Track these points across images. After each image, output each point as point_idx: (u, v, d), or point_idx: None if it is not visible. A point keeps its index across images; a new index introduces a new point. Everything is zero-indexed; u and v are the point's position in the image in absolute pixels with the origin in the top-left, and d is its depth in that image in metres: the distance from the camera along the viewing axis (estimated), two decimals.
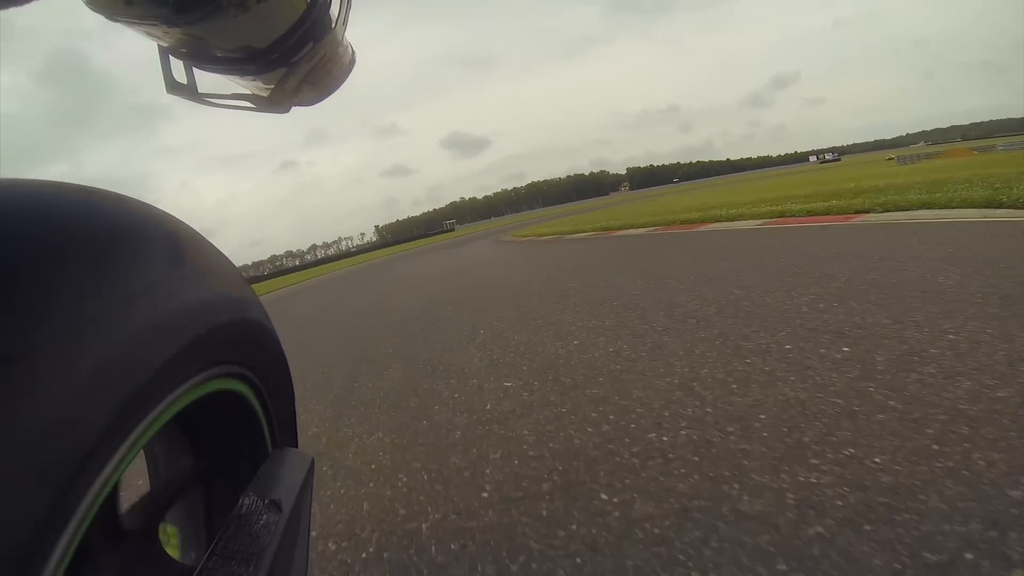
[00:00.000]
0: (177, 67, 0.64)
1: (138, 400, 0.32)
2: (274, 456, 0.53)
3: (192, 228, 0.46)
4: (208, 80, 0.69)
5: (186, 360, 0.37)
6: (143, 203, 0.41)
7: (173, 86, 0.64)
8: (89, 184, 0.39)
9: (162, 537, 0.47)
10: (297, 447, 0.62)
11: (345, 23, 0.85)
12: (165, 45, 0.62)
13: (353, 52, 0.97)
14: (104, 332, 0.30)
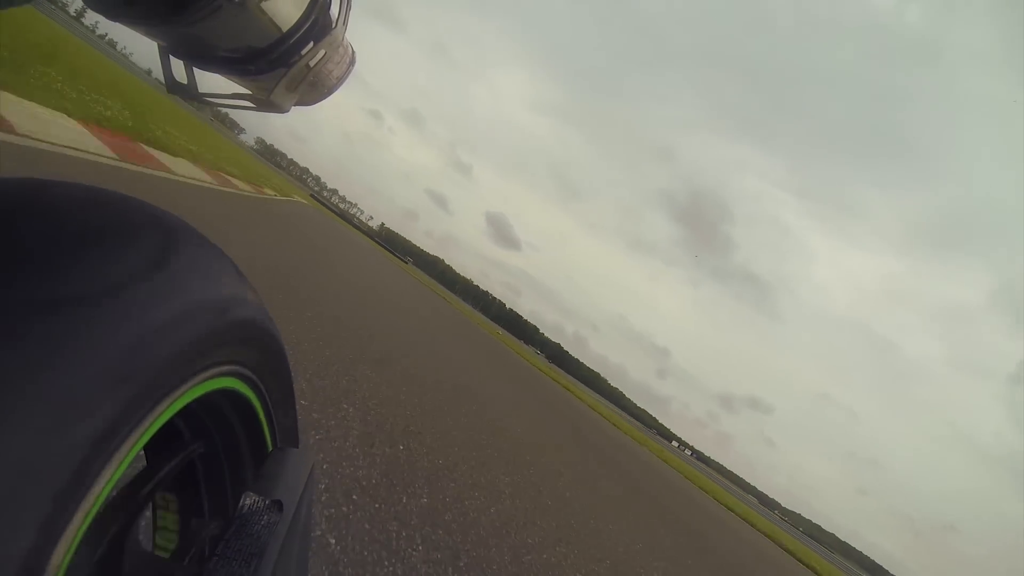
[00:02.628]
0: (177, 67, 0.64)
1: (138, 400, 0.32)
2: (275, 456, 0.53)
3: (193, 227, 0.45)
4: (208, 80, 0.69)
5: (187, 360, 0.37)
6: (144, 202, 0.41)
7: (173, 86, 0.64)
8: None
9: (163, 537, 0.46)
10: (298, 447, 0.62)
11: (345, 23, 0.86)
12: (165, 45, 0.62)
13: (353, 52, 0.97)
14: (104, 332, 0.30)
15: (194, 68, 0.66)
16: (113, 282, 0.32)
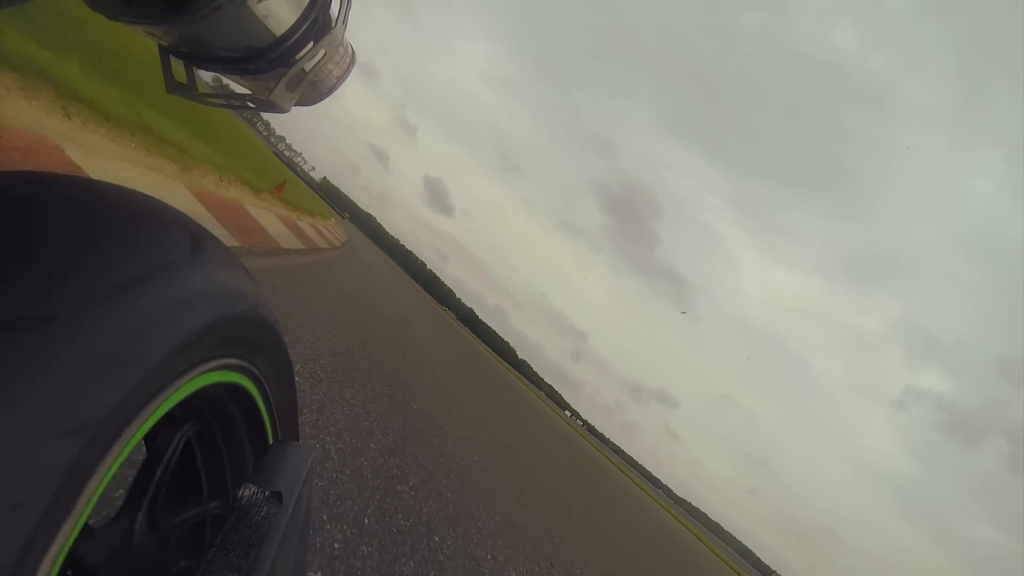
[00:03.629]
0: (177, 67, 0.65)
1: (139, 392, 0.32)
2: (275, 448, 0.53)
3: (195, 221, 0.46)
4: (208, 79, 0.70)
5: (187, 353, 0.37)
6: (146, 195, 0.42)
7: (173, 86, 0.64)
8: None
9: (162, 528, 0.47)
10: (298, 439, 0.62)
11: (345, 23, 0.86)
12: (165, 44, 0.62)
13: (353, 52, 0.97)
14: (105, 324, 0.30)
15: (194, 68, 0.66)
16: (113, 274, 0.32)
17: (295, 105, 0.90)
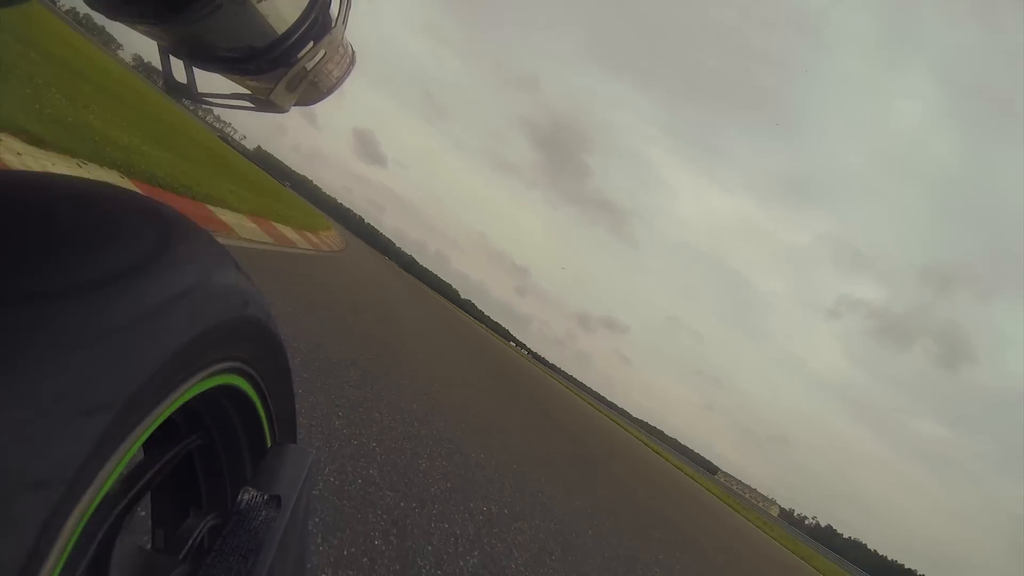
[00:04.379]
0: (177, 66, 0.64)
1: (140, 397, 0.32)
2: (274, 451, 0.53)
3: (193, 222, 0.45)
4: (208, 80, 0.69)
5: (189, 357, 0.37)
6: (143, 196, 0.41)
7: (173, 86, 0.64)
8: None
9: (161, 532, 0.47)
10: (296, 442, 0.62)
11: (345, 23, 0.86)
12: (165, 44, 0.62)
13: (353, 52, 0.97)
14: (105, 329, 0.30)
15: (194, 68, 0.66)
16: (112, 278, 0.32)
17: (295, 105, 0.89)
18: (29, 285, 0.28)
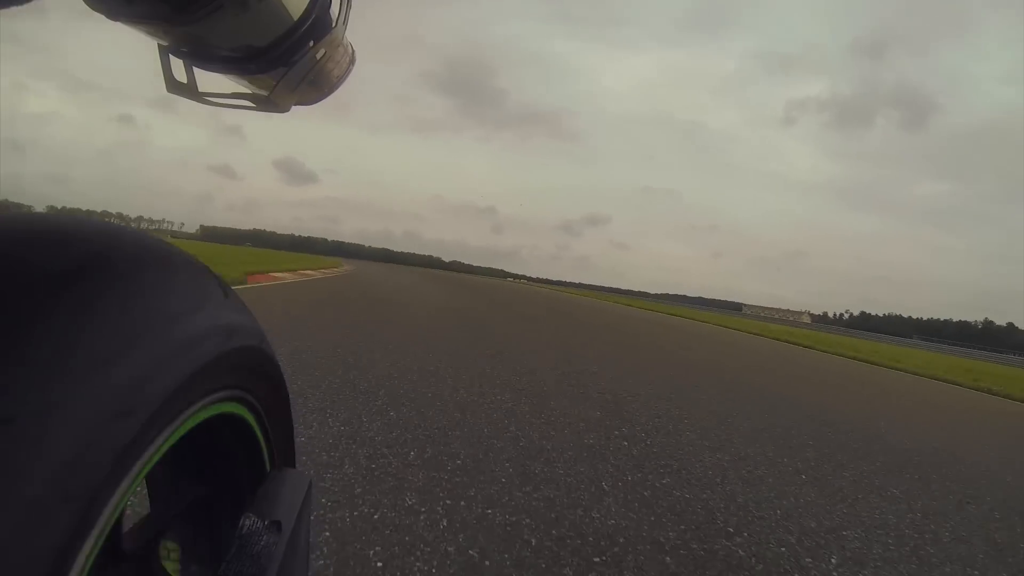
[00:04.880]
0: (177, 66, 0.63)
1: (145, 429, 0.31)
2: (273, 477, 0.53)
3: (190, 255, 0.45)
4: (208, 79, 0.68)
5: (192, 388, 0.37)
6: (137, 231, 0.41)
7: (173, 85, 0.62)
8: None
9: (164, 561, 0.46)
10: (295, 467, 0.62)
11: (345, 23, 0.85)
12: (165, 44, 0.61)
13: (353, 52, 0.96)
14: (111, 364, 0.29)
15: (194, 67, 0.65)
16: (116, 313, 0.31)
17: (295, 105, 0.88)
18: (30, 322, 0.27)
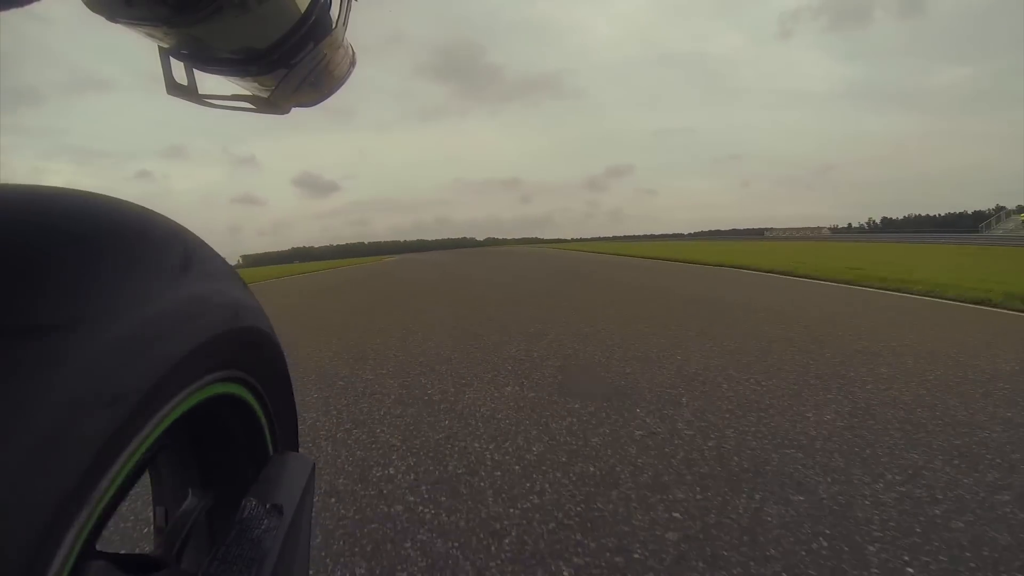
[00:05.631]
0: (177, 68, 0.64)
1: (141, 406, 0.31)
2: (275, 460, 0.53)
3: (191, 231, 0.45)
4: (208, 81, 0.69)
5: (188, 365, 0.37)
6: (140, 206, 0.41)
7: (173, 87, 0.63)
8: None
9: (162, 542, 0.46)
10: (298, 450, 0.62)
11: (345, 24, 0.85)
12: (166, 46, 0.62)
13: (354, 53, 0.97)
14: (105, 337, 0.30)
15: (194, 69, 0.66)
16: (112, 287, 0.32)
17: (295, 106, 0.89)
18: (25, 296, 0.27)
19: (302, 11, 0.71)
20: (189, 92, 0.65)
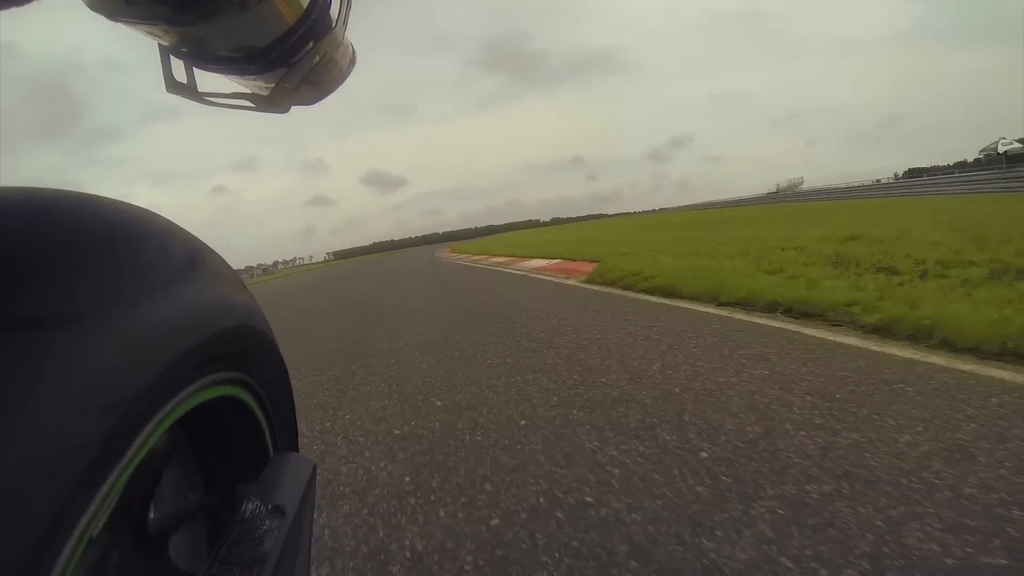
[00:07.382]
0: (177, 67, 0.64)
1: (140, 406, 0.31)
2: (275, 461, 0.53)
3: (192, 234, 0.45)
4: (209, 80, 0.69)
5: (187, 366, 0.37)
6: (143, 208, 0.41)
7: (173, 85, 0.63)
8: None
9: (165, 543, 0.46)
10: (298, 451, 0.62)
11: (345, 23, 0.85)
12: (166, 45, 0.62)
13: (353, 52, 0.97)
14: (104, 337, 0.30)
15: (194, 68, 0.65)
16: (113, 288, 0.32)
17: (295, 104, 0.89)
18: (28, 296, 0.27)
19: (302, 10, 0.71)
20: (189, 90, 0.65)
